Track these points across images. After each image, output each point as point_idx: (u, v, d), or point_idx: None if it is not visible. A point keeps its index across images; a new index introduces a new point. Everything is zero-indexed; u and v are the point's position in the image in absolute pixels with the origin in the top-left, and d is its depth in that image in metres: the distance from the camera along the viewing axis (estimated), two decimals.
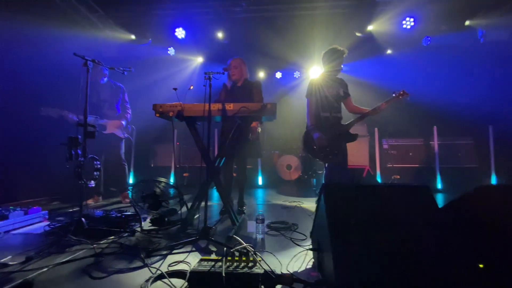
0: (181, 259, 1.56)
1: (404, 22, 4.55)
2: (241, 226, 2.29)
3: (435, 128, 4.47)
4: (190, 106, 2.07)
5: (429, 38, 4.84)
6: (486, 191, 1.30)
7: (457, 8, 4.30)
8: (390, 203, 1.16)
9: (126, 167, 3.41)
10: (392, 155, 4.55)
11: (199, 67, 5.82)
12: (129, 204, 3.01)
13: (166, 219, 2.31)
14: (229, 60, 2.82)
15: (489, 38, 4.38)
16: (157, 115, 2.12)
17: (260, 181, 5.01)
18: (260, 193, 4.37)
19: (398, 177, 4.39)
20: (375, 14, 4.45)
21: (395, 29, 4.69)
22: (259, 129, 2.81)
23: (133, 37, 5.04)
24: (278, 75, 6.31)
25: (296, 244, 1.87)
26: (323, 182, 2.87)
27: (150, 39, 5.10)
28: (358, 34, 4.83)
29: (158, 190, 2.24)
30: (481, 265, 1.18)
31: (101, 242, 1.89)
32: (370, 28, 4.79)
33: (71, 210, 2.87)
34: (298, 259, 1.59)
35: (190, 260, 1.55)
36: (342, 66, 2.70)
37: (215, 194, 3.86)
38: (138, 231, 2.14)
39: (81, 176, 2.02)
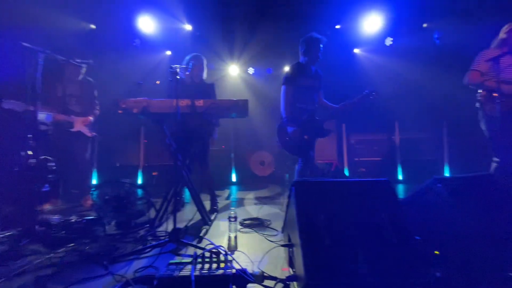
0: (149, 264, 1.49)
1: (368, 21, 4.77)
2: (213, 225, 2.26)
3: (396, 123, 4.79)
4: (157, 102, 1.96)
5: (391, 39, 5.13)
6: (439, 183, 1.40)
7: (416, 11, 4.61)
8: (355, 197, 1.21)
9: (91, 167, 3.17)
10: (359, 149, 4.79)
11: (167, 60, 5.56)
12: (92, 208, 2.81)
13: (133, 222, 2.20)
14: (190, 55, 2.79)
15: (444, 40, 4.76)
16: (120, 111, 1.98)
17: (233, 178, 4.98)
18: (234, 190, 4.34)
19: (364, 170, 4.65)
20: (343, 12, 4.62)
21: (361, 28, 4.90)
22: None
23: (93, 26, 4.66)
24: (251, 70, 6.27)
25: (268, 240, 1.88)
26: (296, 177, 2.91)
27: (112, 29, 4.75)
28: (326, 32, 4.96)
29: (122, 191, 2.11)
30: (436, 252, 1.28)
31: (59, 250, 1.74)
32: (337, 26, 4.96)
33: (25, 216, 2.60)
34: (270, 255, 1.59)
35: (158, 265, 1.48)
36: (319, 55, 2.55)
37: (186, 193, 3.76)
38: (101, 237, 2.00)
39: (32, 179, 1.82)
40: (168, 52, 5.56)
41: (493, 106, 2.41)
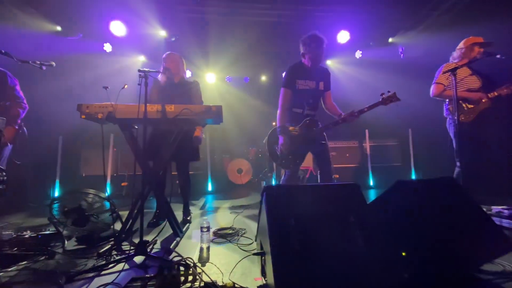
0: (111, 281, 1.37)
1: (339, 35, 5.03)
2: (185, 237, 2.16)
3: (366, 131, 5.00)
4: (123, 107, 1.86)
5: (361, 52, 5.44)
6: (404, 185, 1.46)
7: (382, 27, 4.95)
8: (325, 201, 1.21)
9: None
10: (332, 156, 4.92)
11: (141, 67, 5.41)
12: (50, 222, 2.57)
13: (96, 235, 2.04)
14: (165, 53, 2.62)
15: (408, 54, 5.14)
16: (83, 116, 1.86)
17: (209, 187, 4.86)
18: (209, 199, 4.23)
19: (337, 176, 4.77)
20: (315, 27, 4.80)
21: (332, 42, 5.12)
22: (203, 135, 2.66)
23: (58, 28, 4.42)
24: (228, 79, 6.32)
25: (242, 249, 1.83)
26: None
27: (80, 32, 4.53)
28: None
29: (84, 203, 1.95)
30: (403, 253, 1.32)
31: (9, 269, 1.56)
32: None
33: None
34: (242, 265, 1.54)
35: (121, 281, 1.37)
36: (322, 54, 2.34)
37: (155, 204, 3.58)
38: (59, 253, 1.83)
39: None
40: (142, 58, 5.42)
41: (458, 114, 2.59)
